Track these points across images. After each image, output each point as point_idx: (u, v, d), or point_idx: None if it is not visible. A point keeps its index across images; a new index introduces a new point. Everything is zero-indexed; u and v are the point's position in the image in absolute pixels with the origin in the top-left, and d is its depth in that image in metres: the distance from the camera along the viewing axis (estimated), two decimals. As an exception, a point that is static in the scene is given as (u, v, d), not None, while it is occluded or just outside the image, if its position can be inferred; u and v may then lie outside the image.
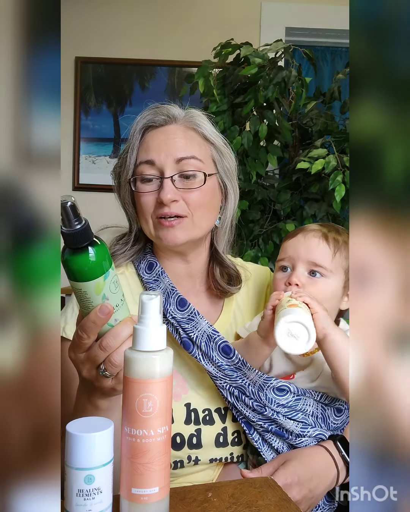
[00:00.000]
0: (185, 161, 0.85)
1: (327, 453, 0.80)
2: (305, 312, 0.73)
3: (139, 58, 2.50)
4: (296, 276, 0.83)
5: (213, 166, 0.90)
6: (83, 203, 2.40)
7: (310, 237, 0.85)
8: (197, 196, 0.86)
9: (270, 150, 1.86)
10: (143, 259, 0.92)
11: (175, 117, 0.89)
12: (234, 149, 1.71)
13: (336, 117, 1.95)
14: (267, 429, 0.83)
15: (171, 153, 0.85)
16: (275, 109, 1.83)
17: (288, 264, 0.85)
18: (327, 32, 2.51)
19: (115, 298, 0.59)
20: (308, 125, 1.94)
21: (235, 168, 0.94)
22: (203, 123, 0.91)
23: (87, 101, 2.54)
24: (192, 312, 0.86)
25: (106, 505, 0.50)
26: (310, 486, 0.76)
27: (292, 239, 0.87)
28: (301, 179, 1.88)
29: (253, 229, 1.90)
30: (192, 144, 0.88)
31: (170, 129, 0.88)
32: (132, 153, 0.87)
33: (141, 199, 0.86)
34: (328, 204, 1.81)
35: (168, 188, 0.83)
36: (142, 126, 0.88)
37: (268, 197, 1.90)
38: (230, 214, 0.94)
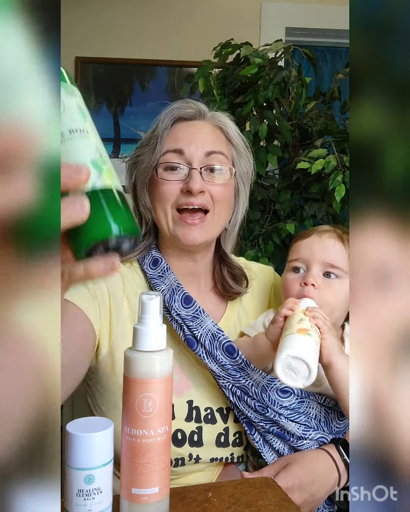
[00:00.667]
0: (214, 155, 0.86)
1: (329, 456, 0.79)
2: (312, 343, 0.69)
3: (139, 58, 2.50)
4: (311, 276, 0.81)
5: (232, 166, 0.91)
6: (83, 203, 2.34)
7: (326, 237, 0.83)
8: (222, 191, 0.86)
9: (270, 150, 1.86)
10: (148, 254, 0.92)
11: (204, 113, 0.91)
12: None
13: (336, 117, 1.95)
14: (268, 430, 0.82)
15: (201, 146, 0.86)
16: (275, 109, 1.83)
17: (302, 265, 0.84)
18: (327, 32, 2.51)
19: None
20: (308, 125, 1.94)
21: (251, 173, 0.95)
22: (228, 123, 0.93)
23: (87, 101, 2.53)
24: (198, 309, 0.86)
25: (106, 505, 0.50)
26: (311, 490, 0.76)
27: (305, 240, 0.85)
28: (301, 179, 1.87)
29: (253, 229, 1.90)
30: (220, 141, 0.89)
31: (199, 124, 0.89)
32: (161, 141, 0.87)
33: (164, 187, 0.85)
34: (328, 204, 1.81)
35: (197, 179, 0.83)
36: (173, 117, 0.88)
37: (268, 197, 1.90)
38: (240, 218, 0.95)
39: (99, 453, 0.49)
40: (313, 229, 0.88)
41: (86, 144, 0.47)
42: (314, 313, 0.74)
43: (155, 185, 0.87)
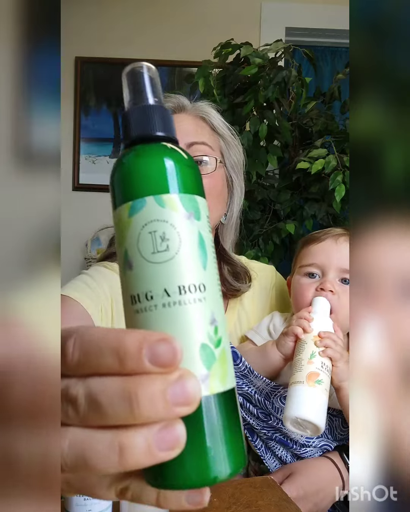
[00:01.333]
0: (196, 146, 0.83)
1: (333, 465, 0.78)
2: (322, 396, 0.66)
3: (140, 58, 2.49)
4: (329, 282, 0.78)
5: (221, 158, 0.87)
6: (83, 203, 2.42)
7: (342, 241, 0.80)
8: (208, 182, 0.82)
9: (270, 150, 1.86)
10: None
11: (184, 106, 0.87)
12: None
13: (336, 117, 1.95)
14: (271, 437, 0.80)
15: (181, 138, 0.81)
16: (275, 109, 1.83)
17: (317, 270, 0.81)
18: (327, 32, 2.51)
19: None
20: (308, 125, 1.94)
21: (243, 162, 0.91)
22: (212, 112, 0.89)
23: (87, 101, 2.54)
24: None
25: (106, 505, 0.50)
26: (316, 500, 0.75)
27: (320, 244, 0.82)
28: (301, 179, 1.87)
29: (253, 229, 1.90)
30: (203, 132, 0.86)
31: (179, 117, 0.86)
32: None
33: None
34: (328, 204, 1.81)
35: None
36: None
37: (268, 197, 1.90)
38: (236, 210, 0.91)
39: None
40: (326, 232, 0.84)
41: (199, 311, 0.28)
42: (326, 342, 0.71)
43: None
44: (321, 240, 0.82)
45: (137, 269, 0.28)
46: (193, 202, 0.31)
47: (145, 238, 0.28)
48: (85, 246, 2.48)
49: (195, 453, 0.25)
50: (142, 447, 0.22)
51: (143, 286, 0.28)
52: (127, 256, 0.29)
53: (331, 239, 0.81)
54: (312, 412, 0.64)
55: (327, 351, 0.70)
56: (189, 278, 0.28)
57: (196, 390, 0.23)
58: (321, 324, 0.75)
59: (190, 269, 0.28)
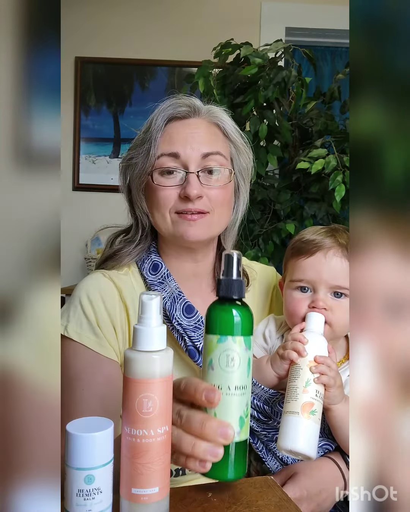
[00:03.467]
0: (211, 157, 0.82)
1: (335, 465, 0.78)
2: (314, 427, 0.69)
3: (139, 58, 2.50)
4: (321, 300, 0.78)
5: (231, 164, 0.88)
6: (83, 203, 2.42)
7: (331, 257, 0.78)
8: (220, 193, 0.83)
9: (270, 150, 1.86)
10: (148, 258, 0.88)
11: (198, 110, 0.86)
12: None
13: (336, 117, 1.95)
14: (271, 438, 0.80)
15: (197, 147, 0.82)
16: (275, 109, 1.84)
17: (308, 285, 0.80)
18: (327, 32, 2.51)
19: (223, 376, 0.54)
20: (308, 125, 1.94)
21: (251, 169, 0.91)
22: (225, 118, 0.88)
23: (87, 101, 2.54)
24: (200, 320, 0.83)
25: (106, 505, 0.50)
26: (318, 500, 0.75)
27: (309, 259, 0.80)
28: (301, 179, 1.88)
29: (253, 229, 1.90)
30: (217, 140, 0.85)
31: (194, 122, 0.84)
32: (155, 144, 0.82)
33: (161, 193, 0.82)
34: (328, 204, 1.81)
35: (195, 184, 0.80)
36: (165, 117, 0.83)
37: (268, 197, 1.90)
38: (240, 214, 0.92)
39: (99, 453, 0.48)
40: (316, 245, 0.80)
41: (242, 401, 0.54)
42: (321, 368, 0.72)
43: (152, 190, 0.84)
44: (311, 253, 0.80)
45: (216, 372, 0.54)
46: (249, 340, 0.55)
47: (223, 357, 0.54)
48: (85, 246, 2.48)
49: (224, 465, 0.54)
50: (202, 450, 0.50)
51: (218, 381, 0.54)
52: (211, 362, 0.54)
53: (320, 253, 0.79)
54: (306, 445, 0.67)
55: (322, 378, 0.71)
56: (240, 381, 0.54)
57: (231, 435, 0.51)
58: (316, 345, 0.74)
59: (241, 377, 0.54)
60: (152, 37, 2.48)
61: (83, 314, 0.82)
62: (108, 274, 0.85)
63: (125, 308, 0.83)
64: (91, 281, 0.85)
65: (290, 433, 0.68)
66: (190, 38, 2.45)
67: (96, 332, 0.81)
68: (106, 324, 0.81)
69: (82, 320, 0.82)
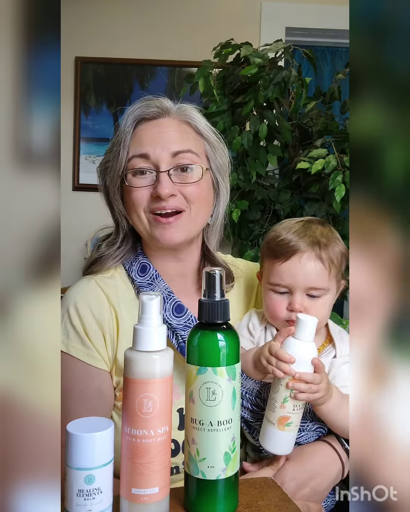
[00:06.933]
0: (181, 155, 0.83)
1: (330, 447, 0.79)
2: (290, 436, 0.74)
3: (139, 58, 2.50)
4: (298, 303, 0.81)
5: (206, 161, 0.88)
6: (83, 203, 2.42)
7: (305, 260, 0.81)
8: (195, 190, 0.83)
9: (270, 150, 1.86)
10: (135, 260, 0.88)
11: (168, 110, 0.86)
12: (234, 148, 1.68)
13: (336, 117, 1.95)
14: None
15: (167, 146, 0.82)
16: (275, 109, 1.84)
17: (285, 289, 0.83)
18: (327, 32, 2.51)
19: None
20: (308, 125, 1.94)
21: (228, 165, 0.92)
22: (196, 116, 0.88)
23: (87, 101, 2.54)
24: (190, 319, 0.84)
25: (106, 505, 0.50)
26: (311, 485, 0.76)
27: (285, 264, 0.82)
28: (301, 179, 1.88)
29: (253, 229, 1.90)
30: (188, 138, 0.85)
31: (164, 122, 0.85)
32: (125, 147, 0.83)
33: (134, 194, 0.83)
34: (328, 204, 1.81)
35: (165, 183, 0.80)
36: (134, 119, 0.84)
37: (268, 197, 1.90)
38: (221, 211, 0.92)
39: (99, 453, 0.48)
40: (291, 248, 0.82)
41: (227, 436, 0.53)
42: (298, 386, 0.72)
43: (126, 192, 0.85)
44: (286, 257, 0.82)
45: (196, 405, 0.52)
46: (233, 370, 0.53)
47: (204, 390, 0.52)
48: (85, 246, 2.48)
49: (213, 502, 0.54)
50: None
51: (199, 416, 0.52)
52: (192, 395, 0.53)
53: (295, 258, 0.81)
54: (279, 449, 0.75)
55: (299, 396, 0.72)
56: (224, 416, 0.52)
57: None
58: (303, 359, 0.74)
59: (225, 411, 0.52)
60: (152, 37, 2.48)
61: (70, 324, 0.82)
62: (95, 280, 0.86)
63: (115, 312, 0.83)
64: (78, 288, 0.85)
65: (265, 438, 0.75)
66: (190, 38, 2.45)
67: (85, 342, 0.81)
68: (95, 333, 0.81)
69: (69, 330, 0.81)
